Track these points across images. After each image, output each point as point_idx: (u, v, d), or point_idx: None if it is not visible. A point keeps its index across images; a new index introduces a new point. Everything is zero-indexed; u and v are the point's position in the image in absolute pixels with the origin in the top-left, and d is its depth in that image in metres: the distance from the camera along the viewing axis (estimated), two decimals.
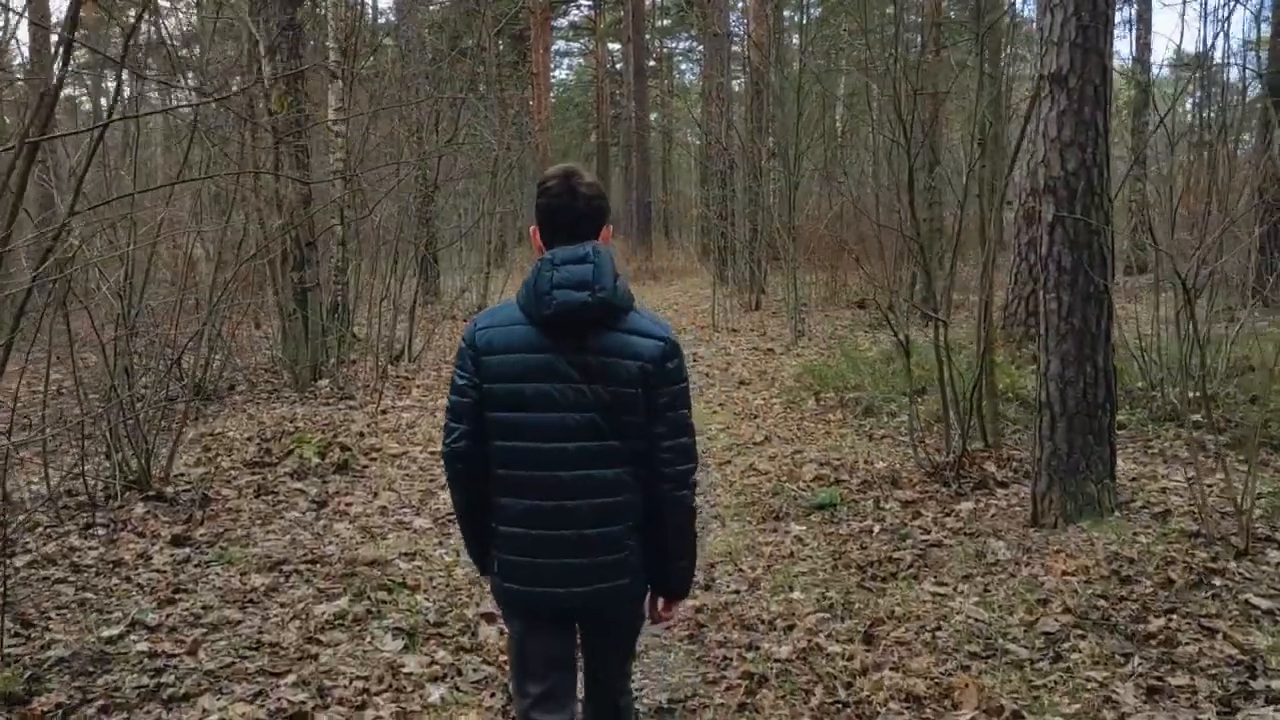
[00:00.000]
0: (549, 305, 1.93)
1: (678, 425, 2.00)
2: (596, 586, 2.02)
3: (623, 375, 1.95)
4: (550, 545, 2.00)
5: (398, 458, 5.99)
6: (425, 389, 8.80)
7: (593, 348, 1.96)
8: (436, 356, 10.91)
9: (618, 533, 2.01)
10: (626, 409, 1.96)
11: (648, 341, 1.98)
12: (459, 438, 2.04)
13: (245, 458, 5.78)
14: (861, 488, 5.14)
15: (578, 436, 1.96)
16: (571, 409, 1.96)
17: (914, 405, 5.28)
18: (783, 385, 8.59)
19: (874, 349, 10.16)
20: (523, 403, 1.98)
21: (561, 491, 1.98)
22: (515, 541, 2.03)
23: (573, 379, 1.95)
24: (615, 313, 1.97)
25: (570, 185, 2.01)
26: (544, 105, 30.26)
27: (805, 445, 6.27)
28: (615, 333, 1.97)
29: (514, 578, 2.05)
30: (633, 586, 2.08)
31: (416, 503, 5.17)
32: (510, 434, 2.00)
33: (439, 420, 7.29)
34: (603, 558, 2.01)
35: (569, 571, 2.01)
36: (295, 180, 8.56)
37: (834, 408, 7.35)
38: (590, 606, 2.06)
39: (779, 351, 10.97)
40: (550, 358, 1.96)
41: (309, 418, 7.28)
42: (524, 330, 1.98)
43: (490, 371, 2.00)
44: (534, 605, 2.06)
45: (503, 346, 1.99)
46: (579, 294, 1.92)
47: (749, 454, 6.15)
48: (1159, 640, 3.24)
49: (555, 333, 1.96)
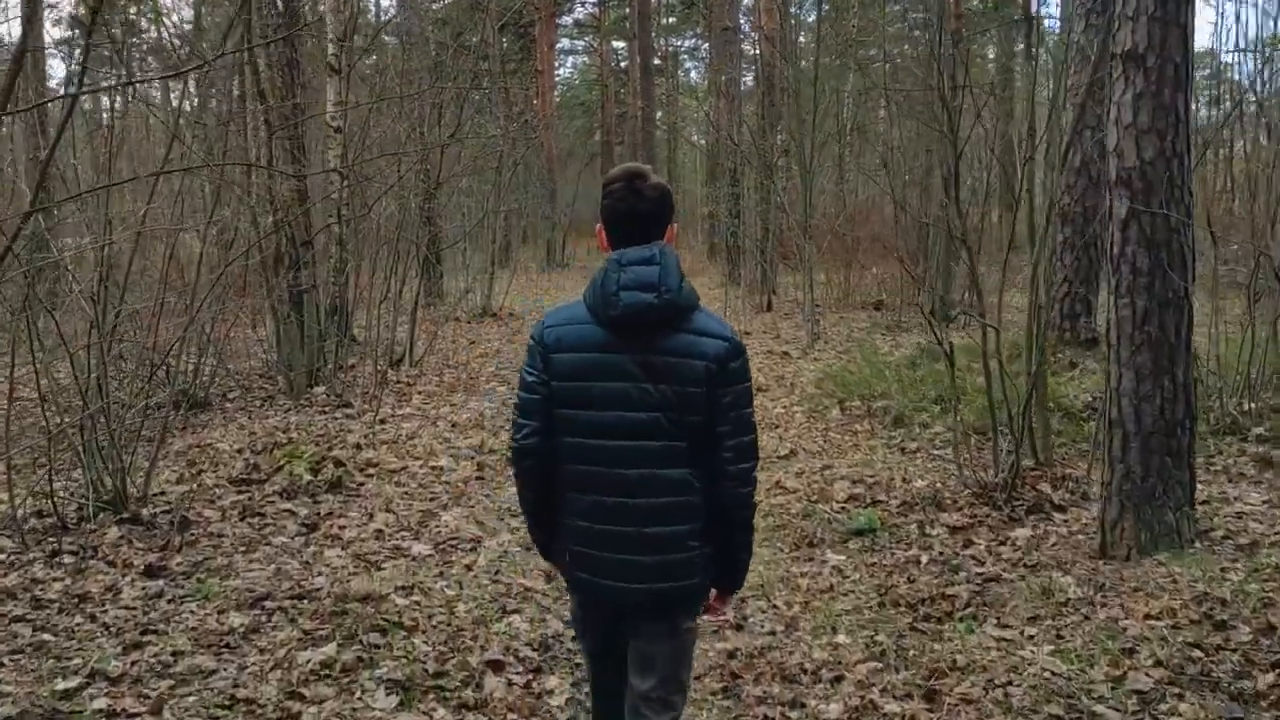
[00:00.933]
0: (616, 306, 1.96)
1: (741, 423, 2.02)
2: (658, 585, 2.05)
3: (688, 375, 1.97)
4: (610, 540, 2.05)
5: (396, 473, 5.57)
6: (427, 396, 8.37)
7: (658, 348, 1.98)
8: (439, 361, 10.48)
9: (683, 533, 2.04)
10: (691, 408, 1.99)
11: (713, 341, 1.99)
12: (529, 434, 2.08)
13: (232, 474, 5.35)
14: (902, 510, 4.70)
15: (642, 435, 1.99)
16: (637, 408, 1.99)
17: (957, 418, 4.84)
18: (803, 392, 8.15)
19: (896, 353, 9.72)
20: (590, 401, 2.02)
21: (624, 489, 2.01)
22: (580, 534, 2.09)
23: (638, 378, 1.98)
24: (681, 313, 1.99)
25: (634, 186, 2.03)
26: (548, 103, 29.80)
27: (834, 460, 5.84)
28: (681, 333, 1.99)
29: (582, 567, 2.12)
30: (699, 586, 2.12)
31: (415, 525, 4.74)
32: (577, 430, 2.04)
33: (441, 431, 6.86)
34: (667, 556, 2.04)
35: (629, 567, 2.05)
36: (289, 176, 8.15)
37: (860, 417, 6.91)
38: (652, 604, 2.08)
39: (795, 355, 10.52)
40: (617, 357, 1.99)
41: (303, 427, 6.86)
42: (591, 329, 2.02)
43: (559, 369, 2.04)
44: (599, 595, 2.13)
45: (571, 345, 2.04)
46: (645, 295, 1.95)
47: (774, 469, 5.71)
48: (1270, 700, 2.80)
49: (622, 333, 1.99)
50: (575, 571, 2.14)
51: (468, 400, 8.15)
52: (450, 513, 4.92)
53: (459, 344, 12.27)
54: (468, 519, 4.83)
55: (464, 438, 6.64)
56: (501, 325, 14.46)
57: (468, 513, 4.93)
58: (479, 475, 5.63)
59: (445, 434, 6.73)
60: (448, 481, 5.51)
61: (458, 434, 6.77)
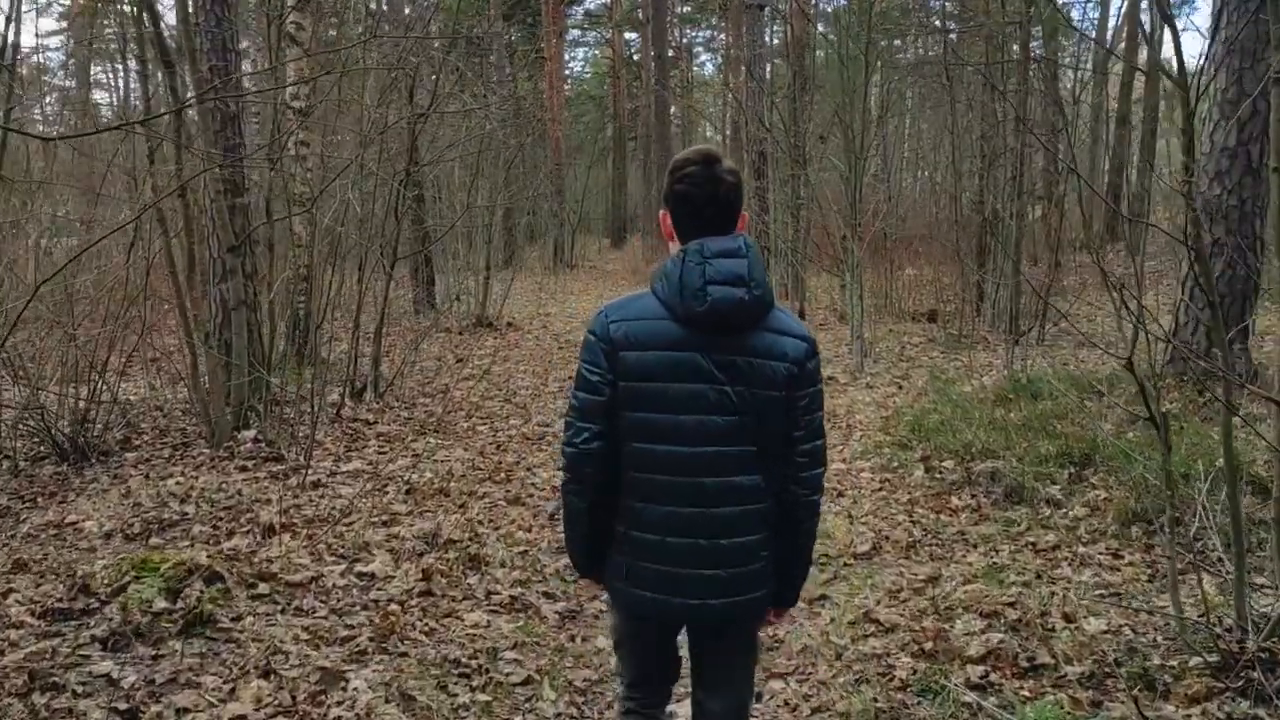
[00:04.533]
0: (703, 301, 1.80)
1: (814, 428, 1.91)
2: (733, 599, 1.93)
3: (770, 377, 1.85)
4: (686, 554, 1.91)
5: (300, 589, 3.80)
6: (386, 440, 6.62)
7: (740, 348, 1.85)
8: (415, 387, 8.74)
9: (753, 543, 1.93)
10: (770, 412, 1.87)
11: (793, 341, 1.88)
12: (590, 438, 1.90)
13: (51, 602, 3.58)
14: (1087, 685, 2.90)
15: (719, 441, 1.87)
16: (715, 411, 1.85)
17: (1173, 535, 3.00)
18: (867, 438, 6.35)
19: (970, 381, 7.89)
20: (663, 403, 1.87)
21: (701, 498, 1.89)
22: (647, 549, 1.93)
23: (717, 380, 1.85)
24: (766, 310, 1.87)
25: (713, 170, 1.87)
26: (557, 94, 28.00)
27: (941, 565, 4.05)
28: (763, 332, 1.86)
29: (646, 585, 1.95)
30: (766, 597, 2.00)
31: (303, 703, 2.97)
32: (647, 436, 1.89)
33: (389, 501, 5.11)
34: (740, 569, 1.92)
35: (705, 582, 1.91)
36: (219, 161, 6.41)
37: (958, 485, 5.10)
38: (724, 618, 1.96)
39: (843, 380, 8.71)
40: (695, 356, 1.85)
41: (208, 494, 5.13)
42: (666, 325, 1.86)
43: (628, 368, 1.87)
44: (667, 614, 1.97)
45: (641, 342, 1.86)
46: (736, 290, 1.81)
47: (853, 581, 3.93)
48: None
49: (703, 330, 1.84)
50: (634, 589, 1.96)
51: (437, 449, 6.39)
52: (365, 673, 3.16)
53: (444, 362, 10.53)
54: (389, 689, 3.06)
55: (417, 514, 4.89)
56: (498, 338, 12.70)
57: (393, 673, 3.17)
58: (425, 590, 3.86)
59: (394, 506, 4.98)
60: (375, 602, 3.75)
61: (412, 506, 5.02)
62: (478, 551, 4.25)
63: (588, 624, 3.67)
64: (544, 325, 13.84)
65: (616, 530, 1.97)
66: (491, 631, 3.54)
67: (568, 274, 22.80)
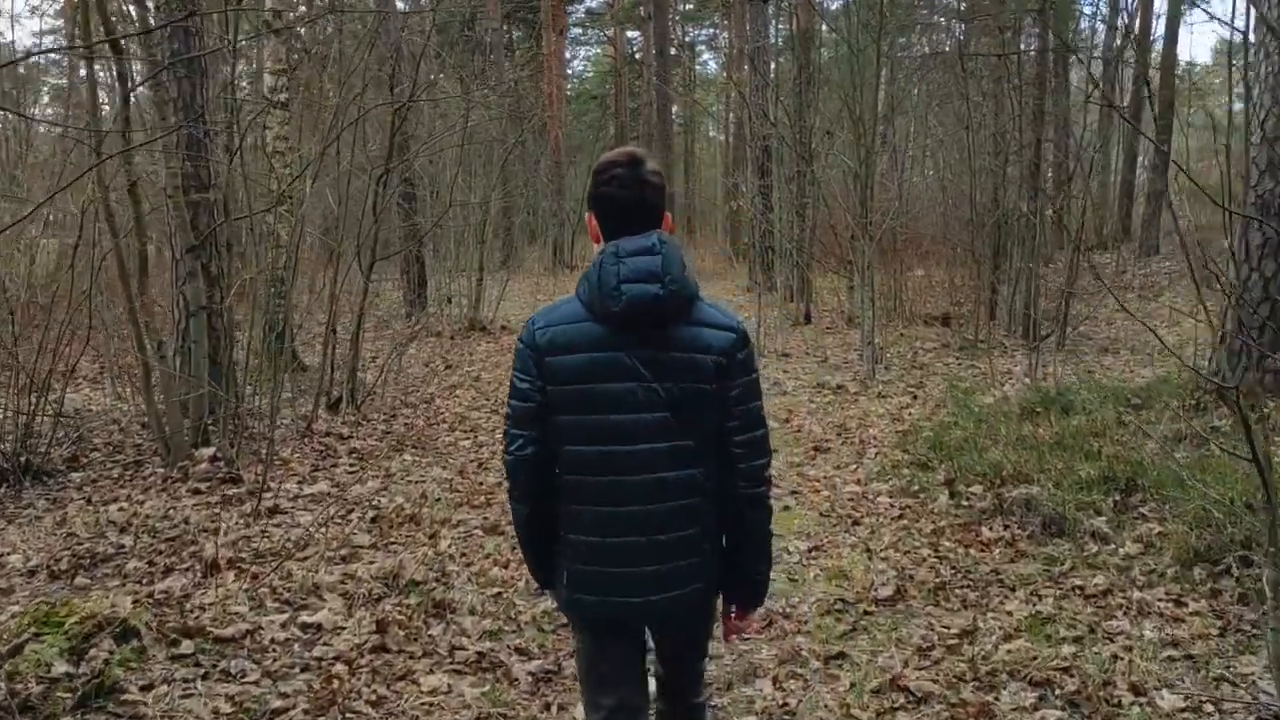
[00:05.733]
0: (618, 300, 1.79)
1: (750, 418, 1.89)
2: (673, 594, 1.90)
3: (696, 371, 1.84)
4: (624, 553, 1.88)
5: (234, 646, 3.26)
6: (359, 457, 6.09)
7: (663, 343, 1.83)
8: (398, 396, 8.21)
9: (693, 536, 1.90)
10: (699, 406, 1.85)
11: (719, 333, 1.86)
12: (523, 445, 1.89)
13: None
14: None
15: (649, 438, 1.84)
16: (643, 409, 1.83)
17: (1276, 599, 2.46)
18: (882, 456, 5.81)
19: (991, 390, 7.35)
20: (591, 405, 1.85)
21: (634, 497, 1.86)
22: (586, 550, 1.90)
23: (643, 377, 1.83)
24: (686, 304, 1.85)
25: (637, 173, 1.87)
26: (558, 92, 27.44)
27: (976, 614, 3.50)
28: (685, 326, 1.85)
29: (586, 588, 1.92)
30: (707, 590, 1.96)
31: None
32: (578, 438, 1.87)
33: (351, 531, 4.57)
34: (678, 563, 1.89)
35: (644, 579, 1.88)
36: (180, 152, 5.89)
37: (988, 514, 4.55)
38: (667, 614, 1.93)
39: (853, 389, 8.17)
40: (619, 355, 1.83)
41: (151, 523, 4.61)
42: (589, 327, 1.84)
43: (555, 373, 1.85)
44: (608, 616, 1.94)
45: (566, 345, 1.85)
46: (650, 286, 1.79)
47: (875, 635, 3.39)
48: None
49: (623, 329, 1.82)
50: (577, 594, 1.92)
51: (412, 467, 5.86)
52: None
53: (433, 368, 10.01)
54: None
55: (381, 547, 4.36)
56: (491, 342, 12.18)
57: None
58: (379, 645, 3.33)
59: (356, 537, 4.45)
60: (319, 661, 3.21)
61: (376, 538, 4.49)
62: (444, 596, 3.71)
63: (566, 688, 3.13)
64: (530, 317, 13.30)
65: (560, 535, 1.95)
66: (452, 699, 3.01)
67: (567, 275, 22.26)
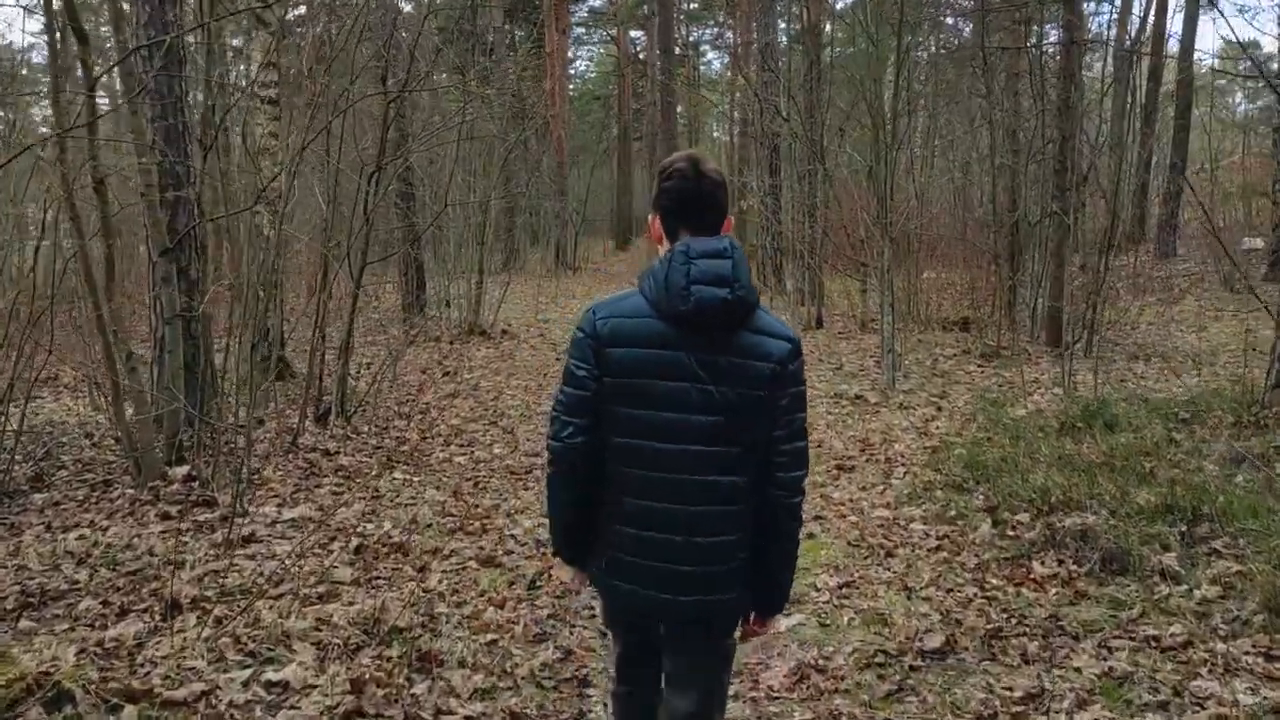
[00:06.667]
0: (686, 301, 1.80)
1: (795, 428, 1.90)
2: (704, 597, 1.92)
3: (753, 377, 1.84)
4: (662, 549, 1.90)
5: (185, 712, 2.83)
6: (346, 475, 5.65)
7: (725, 347, 1.84)
8: (392, 406, 7.77)
9: (730, 543, 1.90)
10: (751, 412, 1.85)
11: (777, 342, 1.87)
12: (575, 433, 1.90)
13: None
14: None
15: (699, 440, 1.85)
16: (695, 410, 1.85)
17: None
18: (913, 475, 5.36)
19: (1020, 402, 6.89)
20: (646, 400, 1.86)
21: (678, 495, 1.88)
22: (628, 541, 1.93)
23: (700, 379, 1.84)
24: (750, 311, 1.86)
25: (701, 171, 1.89)
26: (560, 92, 27.00)
27: (1039, 668, 3.05)
28: (747, 332, 1.86)
29: (623, 576, 1.96)
30: (741, 598, 1.97)
31: None
32: (629, 431, 1.89)
33: (331, 564, 4.13)
34: (713, 567, 1.90)
35: (675, 578, 1.90)
36: (154, 149, 5.46)
37: (1038, 546, 4.10)
38: (695, 617, 1.94)
39: (873, 399, 7.72)
40: (680, 354, 1.84)
41: (112, 554, 4.18)
42: (652, 324, 1.85)
43: (613, 365, 1.87)
44: (638, 608, 1.97)
45: (628, 339, 1.86)
46: (719, 290, 1.80)
47: (925, 697, 2.94)
48: None
49: (688, 330, 1.83)
50: (613, 580, 1.97)
51: (403, 487, 5.43)
52: None
53: (430, 375, 9.57)
54: None
55: (364, 582, 3.92)
56: (491, 347, 11.74)
57: None
58: (354, 708, 2.89)
59: (337, 572, 4.01)
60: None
61: (359, 572, 4.05)
62: (430, 646, 3.27)
63: None
64: (542, 333, 12.87)
65: (600, 522, 1.97)
66: None
67: (570, 277, 21.85)
